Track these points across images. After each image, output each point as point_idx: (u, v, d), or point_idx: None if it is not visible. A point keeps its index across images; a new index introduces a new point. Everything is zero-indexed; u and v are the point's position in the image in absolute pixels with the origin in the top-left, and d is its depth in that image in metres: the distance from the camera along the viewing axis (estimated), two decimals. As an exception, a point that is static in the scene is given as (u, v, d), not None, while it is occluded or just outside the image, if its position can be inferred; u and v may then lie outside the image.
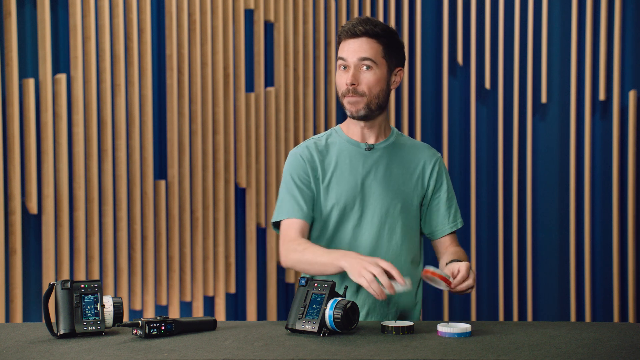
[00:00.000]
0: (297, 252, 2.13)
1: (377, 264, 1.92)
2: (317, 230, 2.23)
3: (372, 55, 2.18)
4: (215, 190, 3.90)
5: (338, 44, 2.24)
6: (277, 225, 2.27)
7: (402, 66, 2.26)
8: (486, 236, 4.20)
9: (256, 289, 3.99)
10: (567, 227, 4.13)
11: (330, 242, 2.22)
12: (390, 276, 1.92)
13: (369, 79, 2.19)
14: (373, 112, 2.22)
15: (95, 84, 3.60)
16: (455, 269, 2.05)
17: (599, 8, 4.08)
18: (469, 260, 2.25)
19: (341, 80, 2.20)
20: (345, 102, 2.21)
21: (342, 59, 2.20)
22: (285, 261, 2.18)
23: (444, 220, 2.32)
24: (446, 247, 2.34)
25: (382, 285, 1.90)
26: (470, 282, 2.03)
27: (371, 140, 2.27)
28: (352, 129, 2.28)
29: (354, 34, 2.19)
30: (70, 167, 3.58)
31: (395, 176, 2.25)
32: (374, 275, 1.90)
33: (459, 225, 2.34)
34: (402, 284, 1.91)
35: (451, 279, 2.02)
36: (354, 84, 2.17)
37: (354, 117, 2.22)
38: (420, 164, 2.30)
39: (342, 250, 2.07)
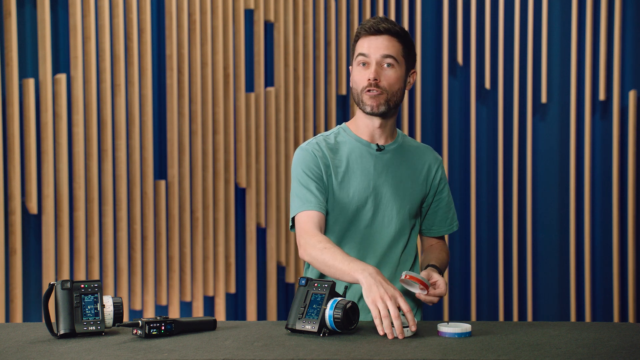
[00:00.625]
0: (317, 250, 2.06)
1: (396, 300, 1.84)
2: (328, 227, 2.22)
3: (394, 53, 2.18)
4: (215, 190, 3.90)
5: (356, 41, 2.23)
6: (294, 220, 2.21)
7: (415, 68, 2.27)
8: (486, 236, 4.20)
9: (256, 289, 3.99)
10: (567, 227, 4.13)
11: (341, 240, 2.22)
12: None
13: (390, 75, 2.18)
14: (390, 110, 2.21)
15: (95, 84, 3.60)
16: (433, 278, 2.10)
17: (599, 8, 4.08)
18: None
19: (361, 76, 2.19)
20: (366, 96, 2.18)
21: (363, 55, 2.18)
22: (303, 255, 2.12)
23: (442, 222, 2.37)
24: (431, 244, 2.39)
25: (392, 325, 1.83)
26: (441, 291, 2.10)
27: (381, 141, 2.26)
28: (361, 128, 2.26)
29: (376, 31, 2.18)
30: (70, 167, 3.58)
31: (405, 179, 2.26)
32: (388, 312, 1.83)
33: (455, 229, 2.39)
34: (412, 331, 1.83)
35: (428, 283, 2.05)
36: (376, 79, 2.16)
37: (373, 113, 2.20)
38: (425, 167, 2.31)
39: (362, 262, 1.97)
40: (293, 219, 2.18)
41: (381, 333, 1.82)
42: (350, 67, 2.28)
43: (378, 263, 2.22)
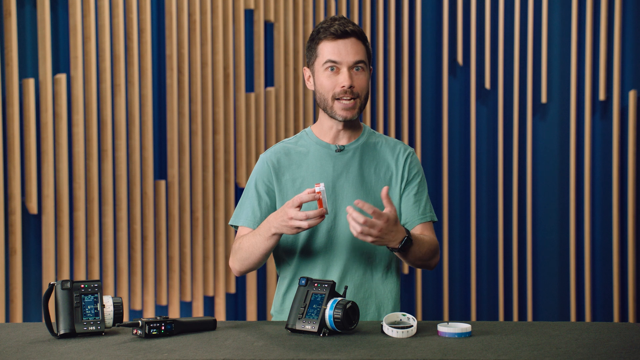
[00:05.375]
0: (236, 251, 2.18)
1: (290, 217, 1.97)
2: (292, 235, 2.20)
3: (363, 56, 2.17)
4: (215, 190, 3.90)
5: (317, 43, 2.18)
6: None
7: (371, 65, 2.26)
8: (486, 236, 4.20)
9: (256, 289, 3.99)
10: (567, 227, 4.13)
11: (306, 246, 2.20)
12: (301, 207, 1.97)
13: (362, 80, 2.16)
14: (360, 114, 2.21)
15: (95, 84, 3.60)
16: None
17: (599, 8, 4.08)
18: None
19: (332, 81, 2.15)
20: (339, 105, 2.16)
21: (333, 61, 2.15)
22: (233, 266, 2.22)
23: (413, 211, 2.24)
24: None
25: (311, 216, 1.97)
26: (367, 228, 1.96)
27: (343, 141, 2.24)
28: (325, 131, 2.24)
29: (344, 33, 2.15)
30: (70, 167, 3.58)
31: (368, 176, 2.22)
32: (299, 220, 1.96)
33: (428, 219, 2.25)
34: (316, 191, 1.94)
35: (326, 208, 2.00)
36: (352, 86, 2.14)
37: (346, 121, 2.19)
38: (392, 160, 2.26)
39: (265, 220, 2.08)
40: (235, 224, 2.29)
41: (318, 222, 1.97)
42: (304, 69, 2.24)
43: (345, 265, 2.19)
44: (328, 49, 2.16)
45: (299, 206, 1.97)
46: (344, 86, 2.14)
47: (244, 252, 2.16)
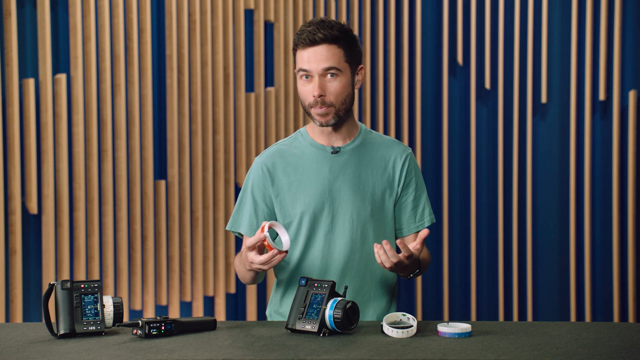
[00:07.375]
0: (235, 267, 2.26)
1: (249, 261, 1.98)
2: (292, 237, 2.19)
3: (336, 62, 2.12)
4: (215, 190, 3.90)
5: (294, 50, 2.16)
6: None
7: (362, 62, 2.21)
8: (486, 236, 4.20)
9: (256, 289, 3.99)
10: (567, 227, 4.13)
11: (304, 250, 2.19)
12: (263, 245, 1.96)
13: (335, 87, 2.12)
14: (341, 118, 2.17)
15: (95, 84, 3.60)
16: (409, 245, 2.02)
17: (599, 8, 4.08)
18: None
19: (305, 90, 2.14)
20: (314, 113, 2.15)
21: (304, 70, 2.13)
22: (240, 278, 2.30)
23: (409, 220, 2.25)
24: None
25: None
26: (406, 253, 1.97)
27: (338, 143, 2.22)
28: (317, 133, 2.23)
29: (313, 42, 2.11)
30: (70, 167, 3.58)
31: (365, 178, 2.20)
32: (257, 264, 1.97)
33: (426, 224, 2.26)
34: (260, 237, 1.93)
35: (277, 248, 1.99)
36: (322, 95, 2.12)
37: (323, 126, 2.17)
38: (390, 161, 2.23)
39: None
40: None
41: (269, 265, 1.97)
42: (295, 70, 2.23)
43: (343, 269, 2.18)
44: (301, 57, 2.14)
45: (255, 247, 1.96)
46: (314, 95, 2.12)
47: (238, 272, 2.24)
